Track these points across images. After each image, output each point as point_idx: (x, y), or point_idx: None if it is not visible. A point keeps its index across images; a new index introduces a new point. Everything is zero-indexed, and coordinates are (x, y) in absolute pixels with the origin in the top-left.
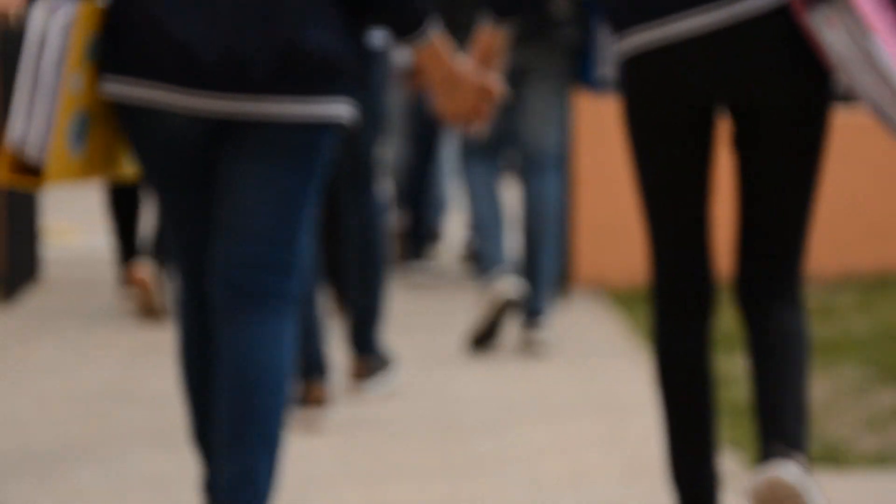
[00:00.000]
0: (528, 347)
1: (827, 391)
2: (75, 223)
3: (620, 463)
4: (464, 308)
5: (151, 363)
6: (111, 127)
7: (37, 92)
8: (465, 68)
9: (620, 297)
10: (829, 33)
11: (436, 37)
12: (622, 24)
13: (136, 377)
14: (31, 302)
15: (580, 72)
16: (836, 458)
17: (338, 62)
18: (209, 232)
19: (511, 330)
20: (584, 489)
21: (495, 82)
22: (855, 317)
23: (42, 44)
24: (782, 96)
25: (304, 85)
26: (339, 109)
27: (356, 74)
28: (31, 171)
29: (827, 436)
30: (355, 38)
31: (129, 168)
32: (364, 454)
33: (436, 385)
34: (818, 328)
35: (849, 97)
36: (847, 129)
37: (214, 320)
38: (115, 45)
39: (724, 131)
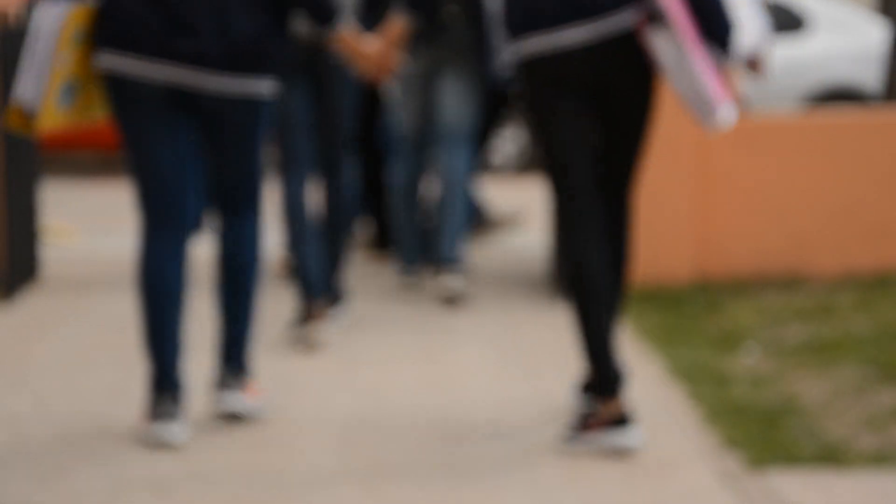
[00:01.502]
0: (448, 294)
1: (826, 391)
2: (75, 223)
3: (621, 462)
4: (463, 306)
5: None
6: (93, 89)
7: (32, 67)
8: (369, 47)
9: None
10: (662, 49)
11: (344, 28)
12: (518, 33)
13: (136, 377)
14: (31, 302)
15: (483, 68)
16: (835, 457)
17: (271, 50)
18: (183, 162)
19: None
20: (584, 488)
21: (394, 58)
22: (855, 316)
23: (37, 34)
24: (633, 88)
25: (245, 66)
26: (266, 87)
27: (281, 59)
28: (28, 121)
29: (826, 435)
30: (283, 30)
31: (100, 114)
32: (364, 454)
33: (435, 385)
34: (818, 328)
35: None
36: (847, 129)
37: (168, 238)
38: (109, 30)
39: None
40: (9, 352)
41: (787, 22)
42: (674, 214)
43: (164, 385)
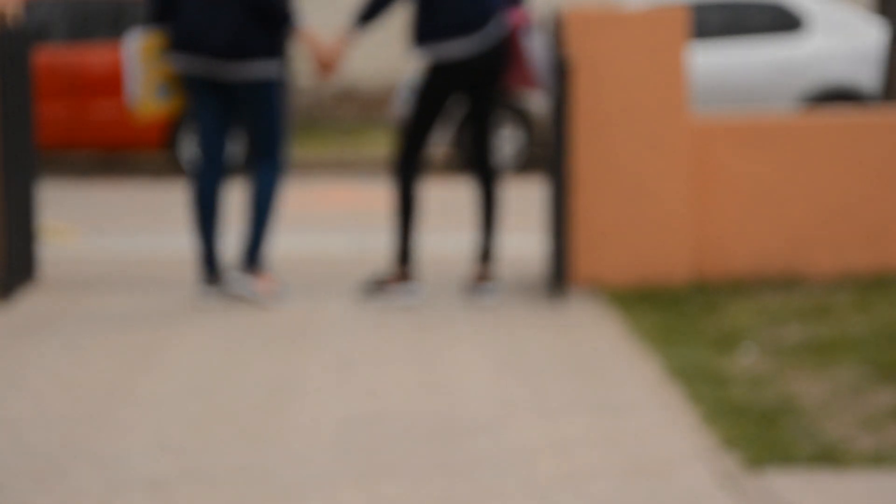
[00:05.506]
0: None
1: (824, 391)
2: (75, 223)
3: (619, 463)
4: (460, 305)
5: (151, 363)
6: (180, 87)
7: (127, 77)
8: (323, 45)
9: (618, 297)
10: (534, 51)
11: (302, 28)
12: (427, 42)
13: (136, 377)
14: (29, 302)
15: None
16: (833, 457)
17: (261, 41)
18: (219, 127)
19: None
20: (582, 489)
21: (341, 58)
22: (853, 316)
23: (125, 55)
24: (491, 77)
25: (244, 54)
26: (266, 69)
27: (276, 49)
28: (132, 111)
29: (824, 435)
30: (268, 27)
31: (180, 103)
32: (361, 453)
33: (433, 384)
34: (816, 328)
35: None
36: (846, 129)
37: (211, 171)
38: (170, 41)
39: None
40: (8, 352)
41: (785, 22)
42: (672, 214)
43: (207, 260)
